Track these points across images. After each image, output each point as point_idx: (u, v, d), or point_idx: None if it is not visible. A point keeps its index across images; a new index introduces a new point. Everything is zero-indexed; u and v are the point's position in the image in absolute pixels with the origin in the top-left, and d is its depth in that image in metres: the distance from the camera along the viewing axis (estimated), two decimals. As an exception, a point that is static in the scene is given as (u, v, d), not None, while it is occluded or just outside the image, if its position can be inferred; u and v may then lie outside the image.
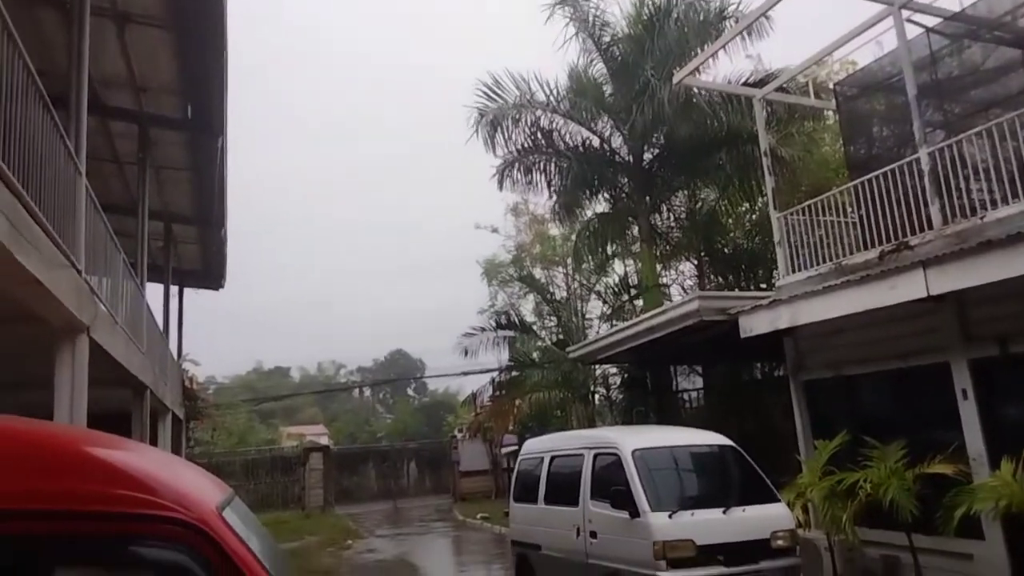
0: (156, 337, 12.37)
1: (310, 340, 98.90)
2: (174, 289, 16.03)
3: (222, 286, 17.71)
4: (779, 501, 7.91)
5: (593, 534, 7.94)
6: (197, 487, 2.04)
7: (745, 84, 14.72)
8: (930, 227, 8.09)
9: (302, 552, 15.06)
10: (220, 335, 70.44)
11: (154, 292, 14.07)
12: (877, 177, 8.69)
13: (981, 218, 7.60)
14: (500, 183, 18.24)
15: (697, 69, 12.55)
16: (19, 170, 4.56)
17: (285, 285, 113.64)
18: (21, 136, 4.65)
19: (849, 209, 9.84)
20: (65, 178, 5.88)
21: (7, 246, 4.04)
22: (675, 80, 12.51)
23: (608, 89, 17.42)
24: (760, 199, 16.56)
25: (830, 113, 14.42)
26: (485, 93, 17.31)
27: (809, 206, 10.09)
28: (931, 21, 9.35)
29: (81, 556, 1.94)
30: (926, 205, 8.17)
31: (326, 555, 15.81)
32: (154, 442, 12.30)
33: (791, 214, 10.35)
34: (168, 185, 12.47)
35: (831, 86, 13.19)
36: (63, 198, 5.78)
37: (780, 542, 7.36)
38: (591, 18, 17.18)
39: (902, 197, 8.44)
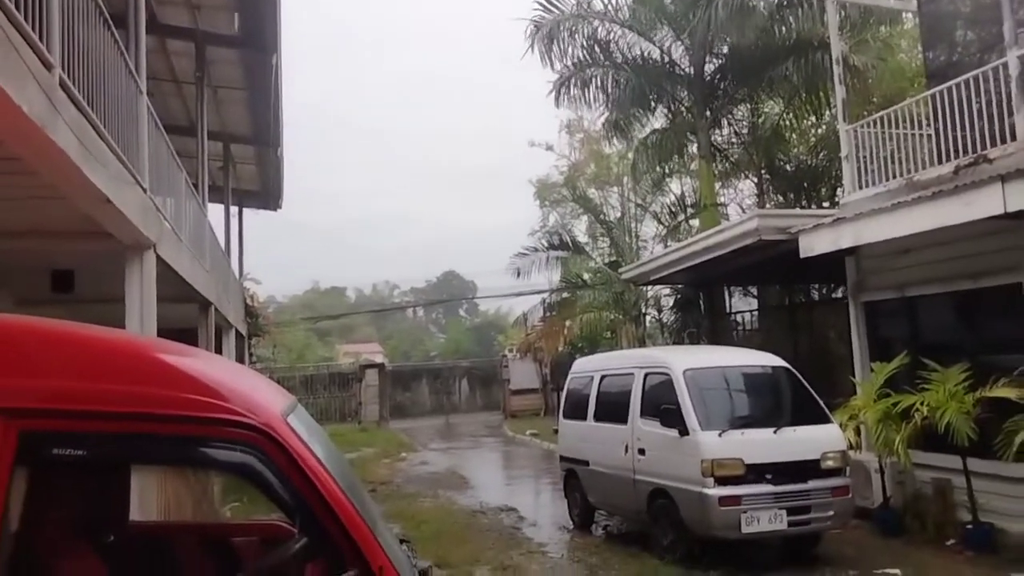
0: (219, 255, 12.76)
1: (365, 262, 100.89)
2: (234, 210, 16.42)
3: (280, 206, 18.03)
4: (831, 422, 7.90)
5: (642, 451, 8.09)
6: (263, 394, 2.14)
7: (818, -17, 13.79)
8: (1013, 138, 7.57)
9: (358, 463, 15.77)
10: (279, 255, 72.30)
11: (215, 212, 14.44)
12: (958, 85, 8.12)
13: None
14: (556, 99, 17.81)
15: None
16: (84, 88, 4.64)
17: (341, 205, 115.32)
18: (84, 54, 4.71)
19: (924, 121, 9.30)
20: (127, 97, 5.98)
21: (77, 163, 4.16)
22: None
23: (670, -6, 16.59)
24: (828, 112, 15.78)
25: (909, 16, 13.46)
26: (542, 4, 16.72)
27: (881, 118, 9.56)
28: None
29: (155, 455, 2.07)
30: (1010, 115, 7.64)
31: (381, 466, 16.56)
32: (220, 356, 12.87)
33: (861, 126, 9.84)
34: (226, 105, 12.56)
35: (913, -15, 12.24)
36: (126, 117, 5.89)
37: (830, 463, 7.40)
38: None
39: (984, 107, 7.92)
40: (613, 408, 8.90)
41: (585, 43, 17.03)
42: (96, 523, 2.56)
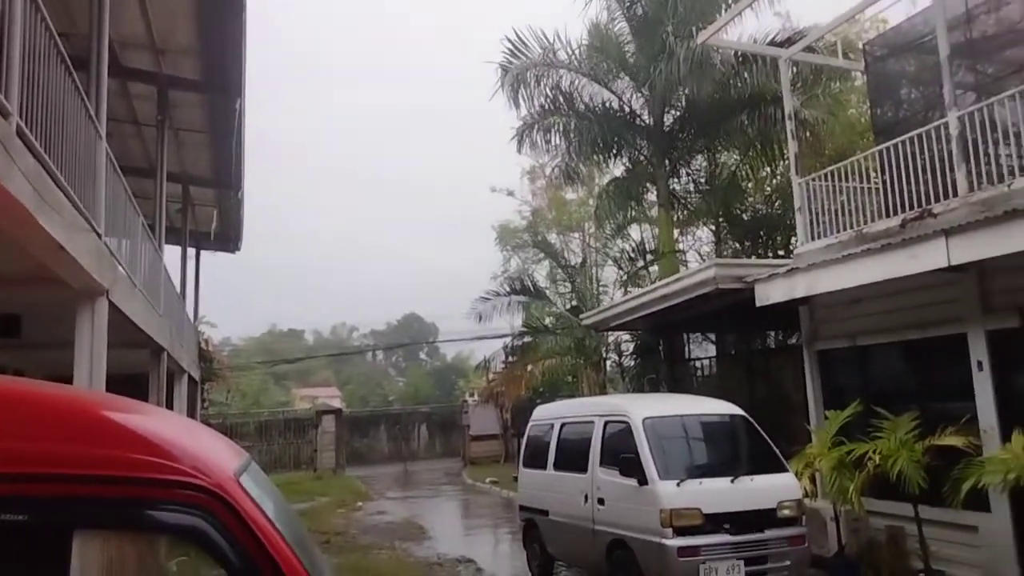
0: (173, 299, 12.52)
1: (324, 303, 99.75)
2: (191, 252, 16.18)
3: (239, 248, 17.84)
4: (787, 471, 7.97)
5: (601, 501, 8.05)
6: (215, 452, 2.08)
7: (772, 43, 14.38)
8: (955, 194, 7.94)
9: (313, 513, 15.34)
10: (236, 297, 71.12)
11: (171, 254, 14.21)
12: (903, 142, 8.51)
13: (1008, 185, 7.43)
14: (519, 145, 18.13)
15: (723, 28, 12.25)
16: (41, 134, 4.59)
17: (300, 247, 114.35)
18: (44, 99, 4.66)
19: (873, 175, 9.69)
20: (86, 141, 5.91)
21: (32, 212, 4.08)
22: (699, 40, 12.24)
23: (630, 48, 17.14)
24: (782, 163, 16.33)
25: (858, 74, 14.11)
26: (509, 50, 17.15)
27: (832, 172, 9.94)
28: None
29: (99, 520, 1.98)
30: (952, 171, 8.01)
31: (336, 516, 16.09)
32: (170, 403, 12.54)
33: (813, 180, 10.20)
34: (186, 147, 12.50)
35: (860, 46, 12.87)
36: (83, 161, 5.82)
37: (786, 512, 7.44)
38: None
39: (928, 163, 8.29)
40: (573, 457, 8.86)
41: (549, 92, 17.46)
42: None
